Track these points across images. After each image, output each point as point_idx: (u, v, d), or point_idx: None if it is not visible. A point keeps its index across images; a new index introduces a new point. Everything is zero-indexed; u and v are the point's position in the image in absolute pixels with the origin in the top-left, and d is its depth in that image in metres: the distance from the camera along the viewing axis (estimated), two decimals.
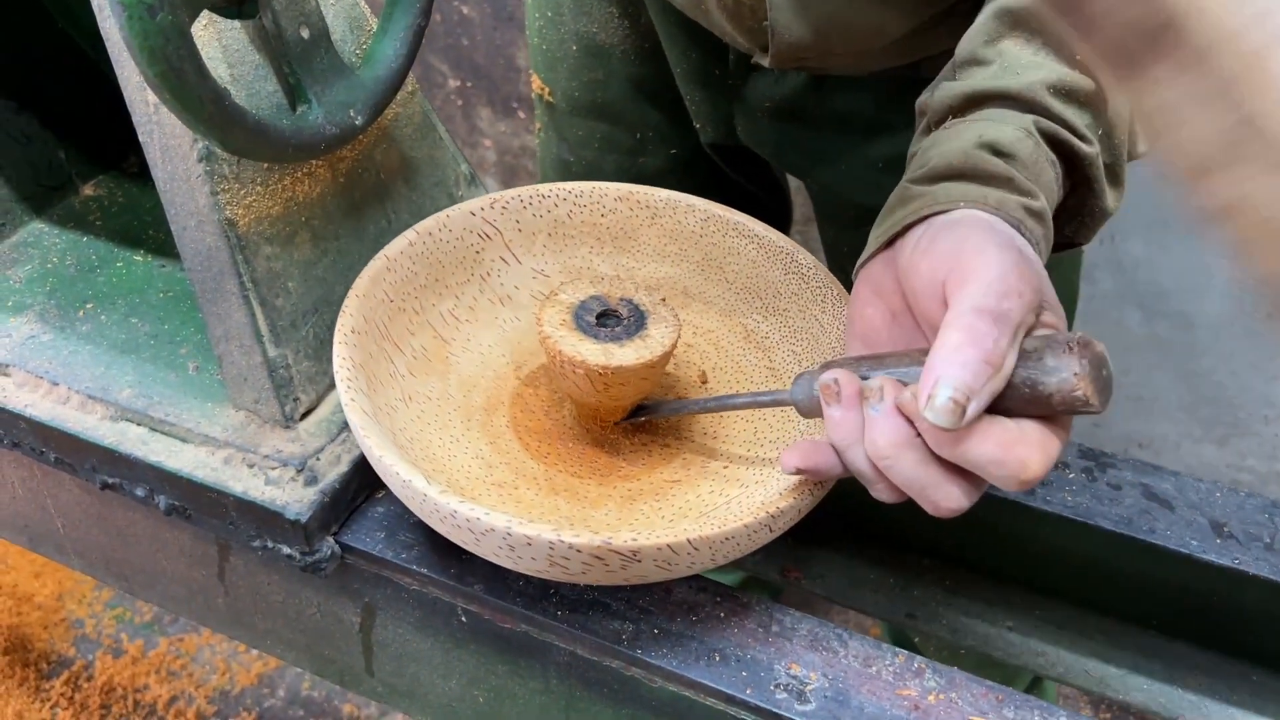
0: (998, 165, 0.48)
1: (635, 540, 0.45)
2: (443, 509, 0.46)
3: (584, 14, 0.80)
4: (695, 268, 0.66)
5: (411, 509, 0.49)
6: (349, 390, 0.51)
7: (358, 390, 0.51)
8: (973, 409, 0.40)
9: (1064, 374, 0.40)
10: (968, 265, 0.43)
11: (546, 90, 0.86)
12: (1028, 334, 0.42)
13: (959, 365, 0.40)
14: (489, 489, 0.55)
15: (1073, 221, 0.54)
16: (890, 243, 0.50)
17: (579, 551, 0.45)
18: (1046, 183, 0.49)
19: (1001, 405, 0.41)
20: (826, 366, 0.47)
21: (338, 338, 0.53)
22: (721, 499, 0.55)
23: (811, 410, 0.48)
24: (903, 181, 0.51)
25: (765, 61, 0.69)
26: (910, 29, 0.65)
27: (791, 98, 0.75)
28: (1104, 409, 0.41)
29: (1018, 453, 0.40)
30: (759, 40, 0.68)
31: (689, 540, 0.45)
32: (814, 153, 0.77)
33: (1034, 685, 0.96)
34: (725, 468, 0.58)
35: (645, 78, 0.81)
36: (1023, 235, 0.46)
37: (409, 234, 0.59)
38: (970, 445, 0.40)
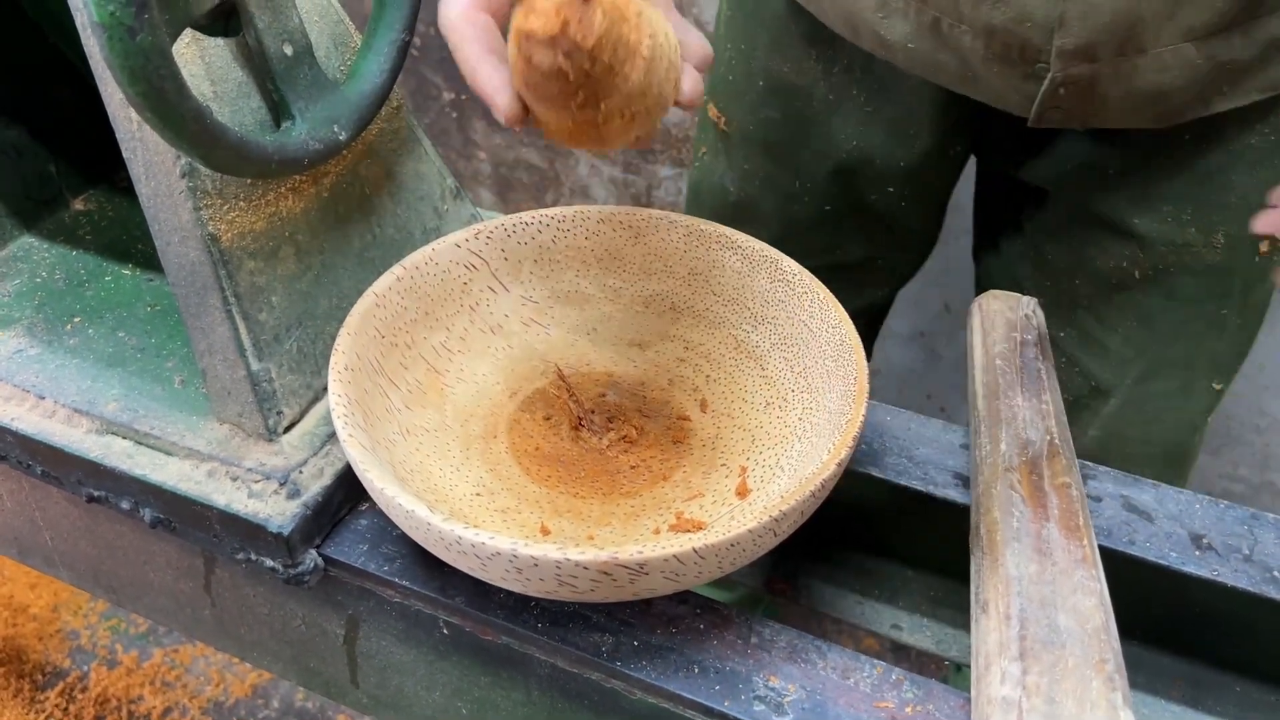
0: None
1: (642, 553, 0.45)
2: (447, 536, 0.46)
3: (778, 53, 0.80)
4: (682, 283, 0.66)
5: (416, 539, 0.49)
6: (346, 426, 0.51)
7: (355, 425, 0.51)
8: None
9: None
10: None
11: (722, 120, 0.87)
12: None
13: None
14: (492, 515, 0.55)
15: None
16: None
17: (586, 569, 0.45)
18: None
19: None
20: None
21: (332, 375, 0.53)
22: (725, 509, 0.56)
23: None
24: None
25: (1030, 116, 0.69)
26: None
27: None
28: None
29: None
30: (1030, 85, 0.67)
31: (694, 549, 0.45)
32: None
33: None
34: (726, 478, 0.58)
35: (821, 127, 0.81)
36: None
37: (396, 270, 0.60)
38: None
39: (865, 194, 0.85)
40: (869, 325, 1.04)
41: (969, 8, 0.65)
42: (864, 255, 0.91)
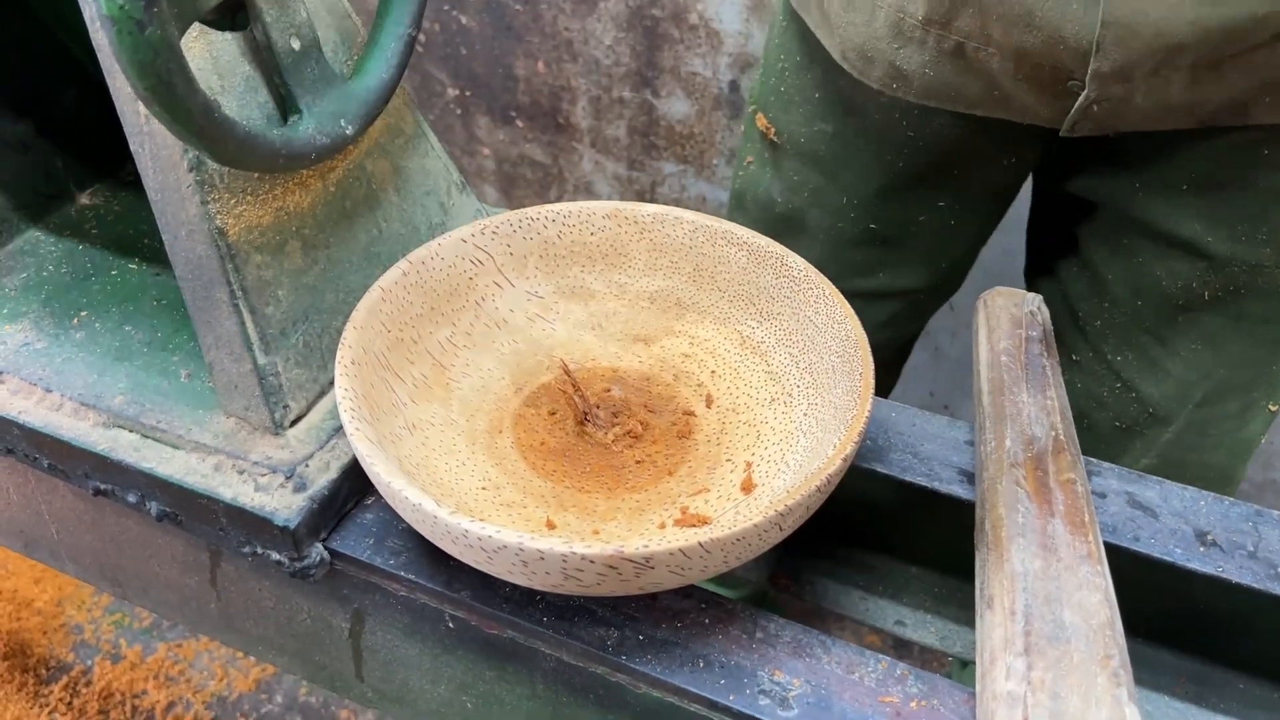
0: None
1: (647, 547, 0.45)
2: (454, 530, 0.46)
3: (836, 68, 0.79)
4: (687, 279, 0.66)
5: (423, 533, 0.50)
6: (353, 420, 0.51)
7: (361, 420, 0.52)
8: None
9: None
10: None
11: (772, 130, 0.86)
12: None
13: None
14: (498, 509, 0.55)
15: None
16: None
17: (592, 562, 0.45)
18: None
19: None
20: None
21: (338, 370, 0.54)
22: (730, 504, 0.56)
23: None
24: None
25: (1062, 127, 0.69)
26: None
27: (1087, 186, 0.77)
28: None
29: None
30: (1062, 100, 0.67)
31: (700, 543, 0.45)
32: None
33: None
34: (731, 473, 0.58)
35: (872, 143, 0.81)
36: None
37: (402, 264, 0.60)
38: None
39: (915, 214, 0.84)
40: (899, 352, 1.03)
41: (998, 31, 0.65)
42: (907, 283, 0.90)
